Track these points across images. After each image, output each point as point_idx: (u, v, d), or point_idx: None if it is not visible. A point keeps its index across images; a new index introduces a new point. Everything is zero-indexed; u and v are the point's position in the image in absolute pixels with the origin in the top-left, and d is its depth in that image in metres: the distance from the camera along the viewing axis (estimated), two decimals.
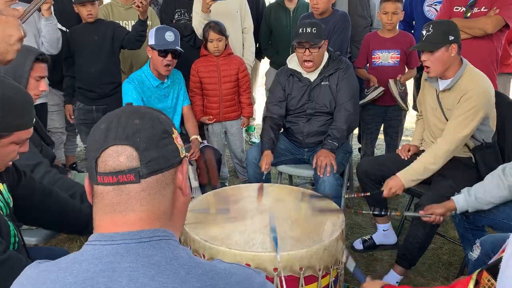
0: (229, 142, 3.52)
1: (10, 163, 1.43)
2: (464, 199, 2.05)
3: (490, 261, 1.17)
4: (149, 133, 0.80)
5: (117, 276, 0.73)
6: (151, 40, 2.90)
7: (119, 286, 0.73)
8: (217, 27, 3.18)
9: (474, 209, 2.05)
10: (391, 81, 3.21)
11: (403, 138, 3.83)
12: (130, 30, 3.39)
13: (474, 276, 1.14)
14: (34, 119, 1.40)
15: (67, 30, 3.32)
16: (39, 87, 2.13)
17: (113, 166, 0.78)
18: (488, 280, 1.09)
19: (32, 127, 1.42)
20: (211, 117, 3.36)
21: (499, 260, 1.10)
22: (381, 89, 3.24)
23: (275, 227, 1.76)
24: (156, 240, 0.78)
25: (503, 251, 1.19)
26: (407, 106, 3.31)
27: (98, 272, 0.74)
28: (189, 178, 2.83)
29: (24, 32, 1.05)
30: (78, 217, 1.73)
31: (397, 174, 2.37)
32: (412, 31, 3.63)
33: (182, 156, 0.86)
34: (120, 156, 0.78)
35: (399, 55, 3.28)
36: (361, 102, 3.24)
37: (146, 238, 0.78)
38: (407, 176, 2.35)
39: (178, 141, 0.86)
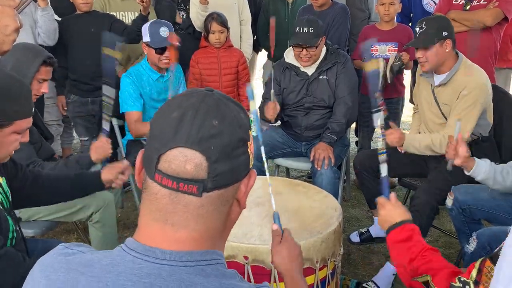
0: None
1: (12, 153, 1.44)
2: (486, 166, 1.94)
3: (494, 251, 1.17)
4: (225, 141, 0.70)
5: None
6: (145, 38, 2.83)
7: None
8: (220, 19, 3.16)
9: (485, 179, 1.94)
10: (392, 54, 3.17)
11: None
12: (127, 23, 3.36)
13: (477, 264, 1.15)
14: (38, 116, 1.42)
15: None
16: (40, 89, 2.13)
17: (177, 171, 0.69)
18: (491, 269, 1.10)
19: (32, 116, 1.43)
20: None
21: (501, 247, 1.11)
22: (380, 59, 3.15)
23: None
24: (203, 265, 0.70)
25: None
26: (390, 79, 3.14)
27: None
28: None
29: (20, 22, 1.04)
30: (86, 183, 1.83)
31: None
32: (410, 24, 3.62)
33: (250, 166, 0.77)
34: (187, 163, 0.68)
35: (396, 48, 3.27)
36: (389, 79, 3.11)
37: (193, 262, 0.70)
38: (411, 139, 2.41)
39: (251, 149, 0.76)
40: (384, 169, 1.59)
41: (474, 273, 1.13)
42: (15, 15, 1.02)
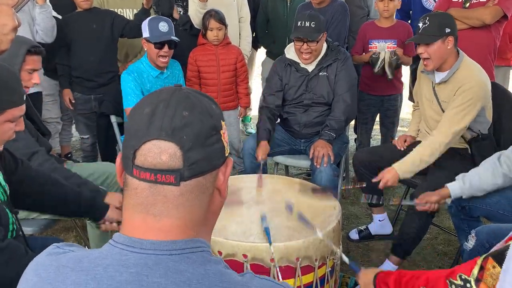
0: None
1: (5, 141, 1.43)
2: (459, 186, 2.05)
3: (495, 249, 1.17)
4: (197, 130, 0.72)
5: None
6: (145, 33, 2.84)
7: None
8: (218, 16, 3.15)
9: (468, 195, 2.05)
10: (387, 51, 3.18)
11: (399, 128, 3.84)
12: (127, 18, 3.35)
13: (479, 261, 1.14)
14: (34, 111, 1.41)
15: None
16: (31, 80, 2.08)
17: (153, 163, 0.71)
18: (493, 267, 1.09)
19: (24, 104, 1.42)
20: None
21: (506, 247, 1.10)
22: (384, 49, 3.19)
23: (265, 217, 1.75)
24: (188, 253, 0.72)
25: (510, 238, 1.19)
26: (391, 74, 3.21)
27: (124, 283, 0.68)
28: None
29: (18, 21, 1.03)
30: (78, 201, 1.75)
31: (393, 165, 2.37)
32: (409, 21, 3.61)
33: (226, 155, 0.79)
34: (162, 154, 0.70)
35: (395, 45, 3.26)
36: (377, 68, 3.17)
37: (178, 250, 0.72)
38: (403, 168, 2.35)
39: (225, 137, 0.78)
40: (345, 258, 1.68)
41: (475, 270, 1.13)
42: (13, 14, 1.01)
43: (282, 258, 1.63)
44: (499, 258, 1.08)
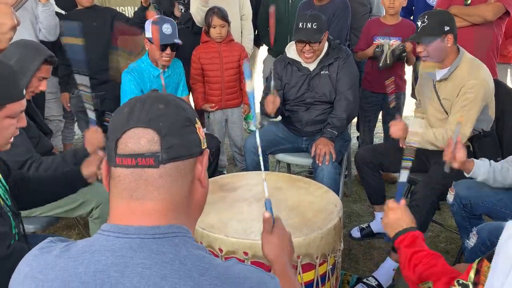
0: (229, 130, 3.51)
1: (11, 140, 1.42)
2: (483, 165, 1.97)
3: (490, 250, 1.16)
4: (173, 119, 0.79)
5: (129, 272, 0.72)
6: (148, 33, 2.83)
7: (130, 283, 0.71)
8: (221, 13, 3.15)
9: (485, 179, 1.98)
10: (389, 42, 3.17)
11: None
12: (128, 16, 3.36)
13: (474, 265, 1.14)
14: (35, 110, 1.41)
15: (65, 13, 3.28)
16: (39, 87, 2.14)
17: (133, 149, 0.76)
18: (488, 268, 1.09)
19: (25, 99, 1.41)
20: (213, 104, 3.34)
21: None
22: (387, 43, 3.17)
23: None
24: (170, 236, 0.76)
25: None
26: (391, 62, 3.18)
27: (110, 265, 0.72)
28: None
29: (17, 20, 1.03)
30: (70, 181, 1.80)
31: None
32: (411, 18, 3.60)
33: (203, 147, 0.84)
34: (141, 139, 0.76)
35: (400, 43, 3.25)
36: (382, 63, 3.16)
37: (161, 234, 0.76)
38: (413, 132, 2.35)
39: (201, 132, 0.84)
40: (404, 176, 1.57)
41: (472, 274, 1.12)
42: (11, 13, 1.01)
43: None
44: (492, 257, 1.07)
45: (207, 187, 0.88)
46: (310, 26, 2.64)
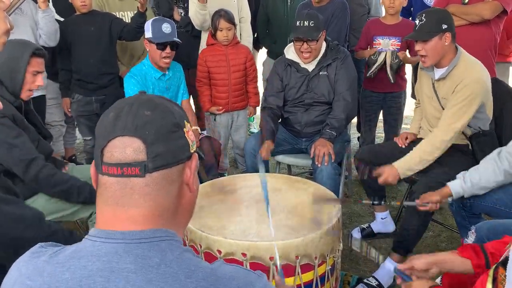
0: (233, 132, 3.51)
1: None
2: (460, 186, 2.05)
3: (505, 255, 1.15)
4: (159, 126, 0.77)
5: (115, 277, 0.72)
6: (147, 33, 2.87)
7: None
8: (227, 16, 3.16)
9: (469, 194, 2.05)
10: (388, 52, 3.19)
11: (403, 126, 3.82)
12: (126, 21, 3.37)
13: (490, 273, 1.12)
14: (36, 115, 1.42)
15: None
16: (35, 82, 2.14)
17: (119, 158, 0.76)
18: (505, 276, 1.08)
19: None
20: (220, 107, 3.34)
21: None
22: (383, 52, 3.20)
23: (265, 182, 1.65)
24: (156, 241, 0.76)
25: (507, 237, 1.18)
26: (393, 79, 3.22)
27: (96, 271, 0.73)
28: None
29: (10, 24, 1.04)
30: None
31: (393, 164, 2.37)
32: (410, 18, 3.60)
33: (192, 151, 0.83)
34: (127, 148, 0.76)
35: (399, 43, 3.25)
36: (370, 72, 3.20)
37: (147, 239, 0.76)
38: (403, 166, 2.35)
39: (189, 135, 0.83)
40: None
41: (489, 284, 1.11)
42: (5, 18, 1.02)
43: (281, 256, 1.63)
44: (506, 263, 1.06)
45: (196, 191, 0.87)
46: (307, 24, 2.66)
